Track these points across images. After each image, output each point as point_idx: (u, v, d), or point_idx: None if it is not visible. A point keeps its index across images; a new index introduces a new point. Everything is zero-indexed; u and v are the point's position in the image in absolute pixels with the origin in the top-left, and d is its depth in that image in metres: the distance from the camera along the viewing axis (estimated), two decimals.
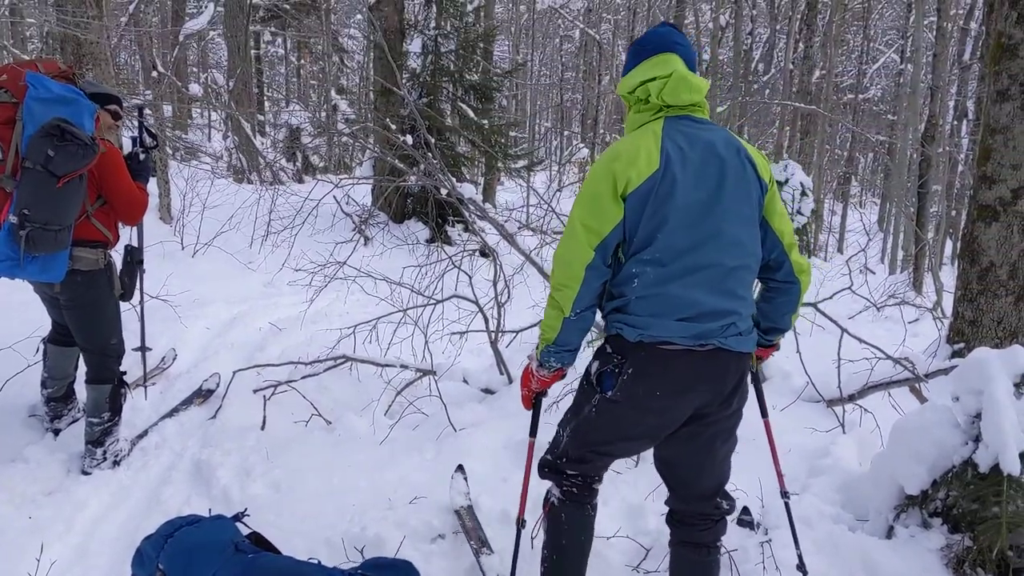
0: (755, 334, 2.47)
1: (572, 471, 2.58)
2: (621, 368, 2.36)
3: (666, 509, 2.72)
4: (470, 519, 3.35)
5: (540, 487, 2.74)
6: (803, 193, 5.33)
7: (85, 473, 3.87)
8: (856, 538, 3.18)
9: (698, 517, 2.59)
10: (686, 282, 2.29)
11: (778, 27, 24.45)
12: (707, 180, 2.32)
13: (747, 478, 3.68)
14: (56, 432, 4.18)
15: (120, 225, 3.98)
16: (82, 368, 4.06)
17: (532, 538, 3.21)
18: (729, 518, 3.46)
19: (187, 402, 4.75)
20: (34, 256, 3.44)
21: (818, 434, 4.51)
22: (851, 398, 4.82)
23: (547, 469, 2.65)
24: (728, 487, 3.70)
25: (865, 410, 4.67)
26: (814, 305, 5.38)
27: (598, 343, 2.52)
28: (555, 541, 2.62)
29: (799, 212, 5.21)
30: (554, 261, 2.48)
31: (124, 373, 4.06)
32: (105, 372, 3.95)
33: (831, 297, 5.72)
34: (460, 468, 3.75)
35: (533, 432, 2.79)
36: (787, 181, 5.37)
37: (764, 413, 2.92)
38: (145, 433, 4.37)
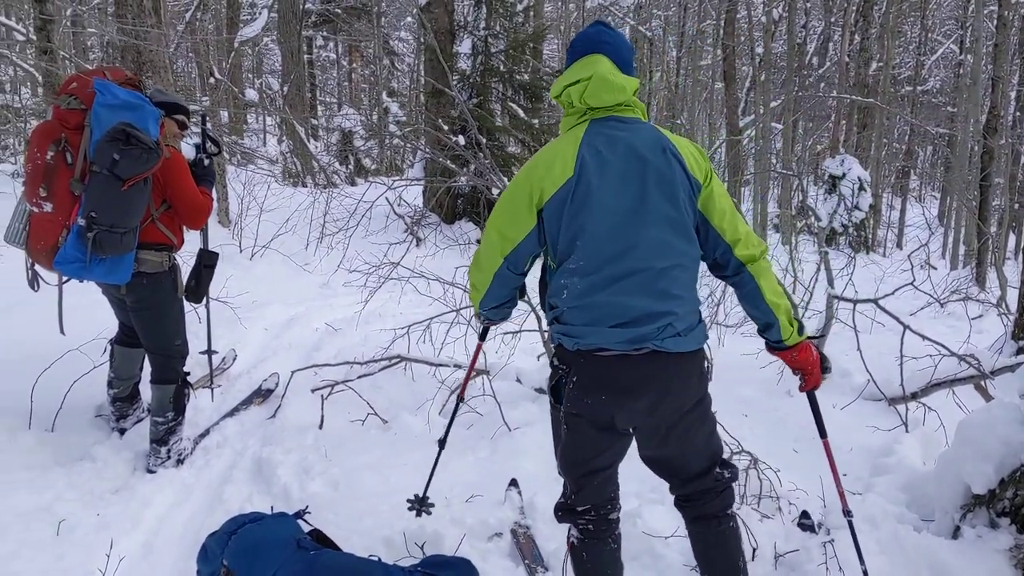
0: (699, 332, 2.39)
1: (582, 507, 2.55)
2: (567, 378, 2.38)
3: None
4: (524, 538, 3.34)
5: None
6: (861, 188, 5.24)
7: (150, 471, 3.96)
8: (921, 538, 3.10)
9: (700, 494, 2.55)
10: (613, 290, 2.26)
11: (833, 19, 24.00)
12: (628, 185, 2.27)
13: (809, 478, 3.63)
14: (122, 431, 4.28)
15: (185, 229, 4.07)
16: (147, 369, 4.16)
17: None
18: (790, 520, 3.44)
19: (247, 402, 4.85)
20: (101, 258, 3.53)
21: (880, 433, 4.43)
22: (914, 396, 4.72)
23: (561, 512, 2.62)
24: (787, 486, 3.68)
25: (929, 408, 4.57)
26: (875, 301, 5.27)
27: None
28: None
29: (857, 207, 5.11)
30: (473, 259, 2.57)
31: (188, 374, 4.15)
32: (169, 372, 4.04)
33: (892, 293, 5.59)
34: (514, 482, 3.74)
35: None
36: (844, 176, 5.30)
37: (823, 434, 2.79)
38: (207, 432, 4.46)
